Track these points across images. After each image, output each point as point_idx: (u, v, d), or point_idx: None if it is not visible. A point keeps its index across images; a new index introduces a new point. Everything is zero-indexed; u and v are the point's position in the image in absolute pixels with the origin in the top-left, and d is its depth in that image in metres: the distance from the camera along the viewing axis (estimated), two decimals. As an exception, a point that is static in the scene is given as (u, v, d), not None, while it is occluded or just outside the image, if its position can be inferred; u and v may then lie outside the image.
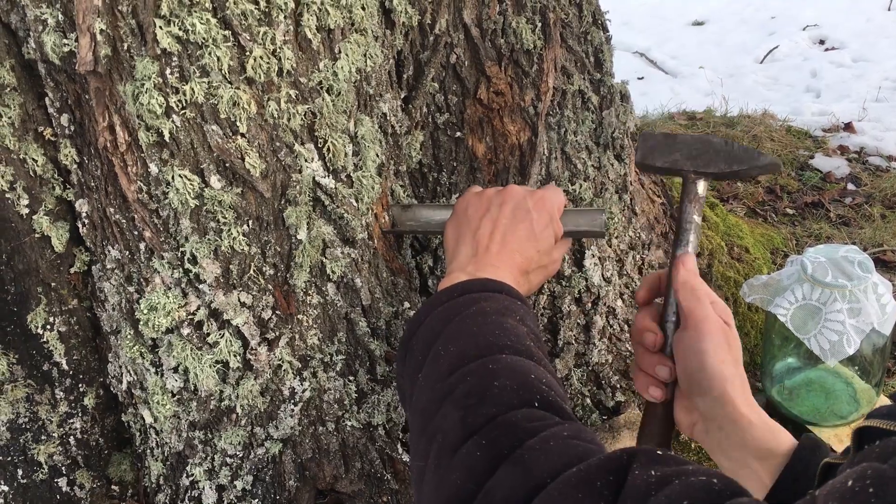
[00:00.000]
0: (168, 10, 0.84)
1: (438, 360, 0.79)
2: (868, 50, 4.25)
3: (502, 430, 0.67)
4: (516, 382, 0.73)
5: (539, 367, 0.77)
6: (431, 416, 0.75)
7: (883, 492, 0.46)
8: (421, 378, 0.81)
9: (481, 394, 0.72)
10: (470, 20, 1.20)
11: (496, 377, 0.73)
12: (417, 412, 0.78)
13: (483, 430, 0.68)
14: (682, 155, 0.98)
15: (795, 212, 2.24)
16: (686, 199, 0.97)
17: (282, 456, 1.10)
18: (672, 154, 0.99)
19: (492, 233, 0.97)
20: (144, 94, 0.87)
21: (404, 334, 0.90)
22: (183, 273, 1.00)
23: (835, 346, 1.30)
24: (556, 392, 0.74)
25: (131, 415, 1.17)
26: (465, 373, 0.75)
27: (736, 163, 0.97)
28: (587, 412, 1.38)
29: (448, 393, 0.74)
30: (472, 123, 1.26)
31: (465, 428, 0.69)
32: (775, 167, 0.99)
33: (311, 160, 0.99)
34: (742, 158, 0.97)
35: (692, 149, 0.98)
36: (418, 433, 0.76)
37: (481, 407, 0.70)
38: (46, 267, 1.08)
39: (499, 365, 0.75)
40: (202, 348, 1.03)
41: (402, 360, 0.88)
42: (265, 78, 0.92)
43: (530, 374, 0.75)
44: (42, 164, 1.02)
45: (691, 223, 0.96)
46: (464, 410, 0.71)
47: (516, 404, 0.70)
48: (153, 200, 0.96)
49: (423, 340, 0.84)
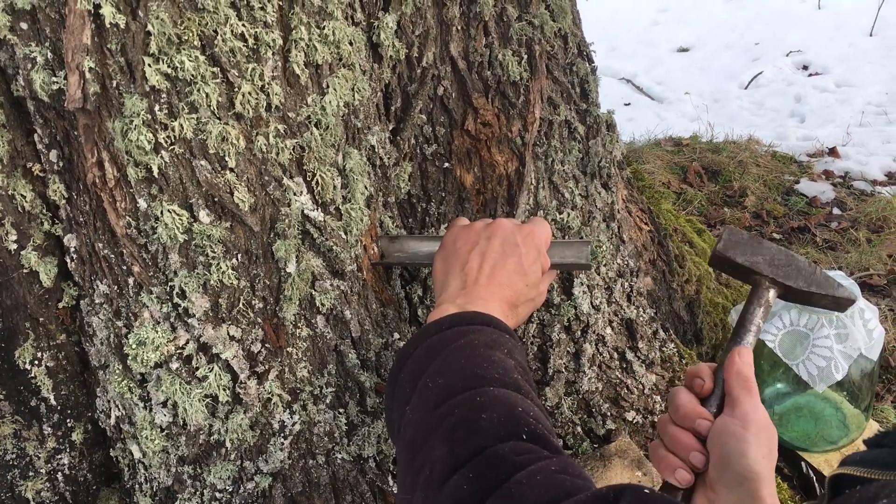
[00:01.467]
0: (157, 48, 0.85)
1: (426, 392, 0.80)
2: (851, 75, 4.31)
3: (490, 463, 0.67)
4: (503, 415, 0.73)
5: (526, 399, 0.78)
6: (419, 448, 0.75)
7: None
8: (409, 410, 0.81)
9: (469, 427, 0.72)
10: (457, 53, 1.21)
11: (484, 410, 0.74)
12: (405, 444, 0.78)
13: (470, 464, 0.68)
14: (765, 260, 0.98)
15: (782, 236, 2.26)
16: (756, 301, 0.97)
17: (272, 490, 1.09)
18: (755, 255, 0.99)
19: (480, 266, 0.98)
20: (133, 131, 0.88)
21: (393, 366, 0.90)
22: (172, 307, 1.00)
23: (823, 372, 1.31)
24: (544, 425, 0.74)
25: (120, 450, 1.17)
26: (452, 405, 0.75)
27: (815, 286, 0.97)
28: (578, 440, 1.37)
29: (436, 426, 0.74)
30: (459, 154, 1.27)
31: (453, 461, 0.69)
32: (849, 303, 0.98)
33: (300, 193, 1.00)
34: (821, 284, 0.97)
35: (776, 257, 0.99)
36: (405, 466, 0.76)
37: (469, 440, 0.71)
38: (34, 302, 1.07)
39: (486, 398, 0.75)
40: (191, 382, 1.02)
41: (390, 391, 0.88)
42: (254, 113, 0.93)
43: (518, 407, 0.75)
44: (31, 200, 1.02)
45: (754, 325, 0.96)
46: (451, 443, 0.71)
47: (504, 437, 0.71)
48: (142, 235, 0.96)
49: (411, 372, 0.85)
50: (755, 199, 2.41)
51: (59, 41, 0.87)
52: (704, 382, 0.91)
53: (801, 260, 0.99)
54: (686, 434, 0.88)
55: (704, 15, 5.67)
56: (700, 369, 0.93)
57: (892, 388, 1.62)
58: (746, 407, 0.85)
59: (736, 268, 1.01)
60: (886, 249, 2.10)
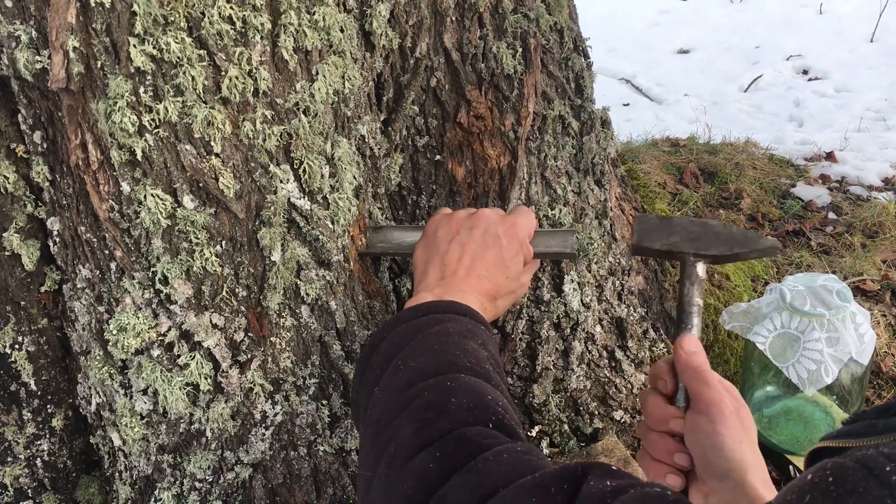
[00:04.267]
0: (142, 29, 0.84)
1: (398, 374, 0.80)
2: (850, 80, 4.30)
3: (457, 443, 0.68)
4: (473, 402, 0.73)
5: (496, 390, 0.78)
6: (385, 426, 0.74)
7: (842, 479, 0.46)
8: (378, 391, 0.81)
9: (438, 408, 0.72)
10: (450, 44, 1.20)
11: (454, 394, 0.74)
12: (371, 423, 0.78)
13: (437, 443, 0.68)
14: (681, 237, 0.97)
15: (777, 239, 2.25)
16: (688, 281, 0.95)
17: (252, 481, 1.08)
18: (670, 236, 0.98)
19: (460, 257, 0.97)
20: (117, 113, 0.86)
21: (365, 348, 0.90)
22: (154, 294, 0.98)
23: (813, 375, 1.30)
24: (511, 416, 0.74)
25: (100, 437, 1.15)
26: (423, 387, 0.76)
27: (737, 245, 0.96)
28: (565, 439, 1.36)
29: (405, 406, 0.74)
30: (451, 147, 1.26)
31: (420, 439, 0.69)
32: (775, 250, 0.98)
33: (287, 181, 0.99)
34: (742, 241, 0.96)
35: (690, 231, 0.98)
36: (370, 443, 0.76)
37: (437, 421, 0.71)
38: (16, 285, 1.06)
39: (457, 383, 0.76)
40: (172, 370, 1.01)
41: (360, 373, 0.88)
42: (240, 98, 0.91)
43: (487, 396, 0.75)
44: (14, 182, 1.01)
45: (693, 305, 0.94)
46: (419, 423, 0.71)
47: (471, 422, 0.71)
48: (125, 220, 0.95)
49: (383, 355, 0.84)
50: (751, 202, 2.40)
51: (43, 19, 0.86)
52: (667, 381, 0.90)
53: (715, 224, 0.98)
54: (664, 438, 0.87)
55: (705, 18, 5.66)
56: (660, 369, 0.91)
57: (882, 394, 1.62)
58: (709, 397, 0.83)
59: (657, 254, 1.00)
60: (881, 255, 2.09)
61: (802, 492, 0.48)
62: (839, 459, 0.49)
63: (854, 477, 0.46)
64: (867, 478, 0.46)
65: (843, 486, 0.46)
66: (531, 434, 1.37)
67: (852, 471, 0.47)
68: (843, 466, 0.47)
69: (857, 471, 0.47)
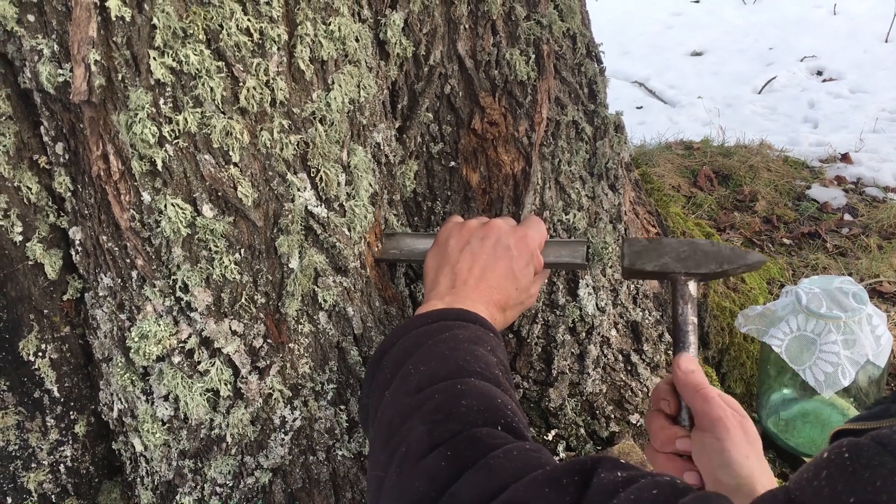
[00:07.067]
0: (162, 42, 0.85)
1: (408, 378, 0.81)
2: (865, 81, 4.28)
3: (467, 443, 0.69)
4: (483, 405, 0.75)
5: (505, 395, 0.79)
6: (397, 428, 0.76)
7: (858, 455, 0.50)
8: (388, 394, 0.82)
9: (448, 411, 0.74)
10: (464, 51, 1.21)
11: (464, 397, 0.75)
12: (382, 425, 0.79)
13: (448, 443, 0.70)
14: (671, 258, 1.00)
15: (792, 242, 2.24)
16: (681, 300, 0.97)
17: (272, 486, 1.09)
18: (661, 258, 1.00)
19: (471, 267, 0.98)
20: (138, 124, 0.88)
21: (375, 353, 0.91)
22: (174, 301, 1.00)
23: (830, 378, 1.30)
24: (520, 420, 0.75)
25: (122, 443, 1.17)
26: (433, 391, 0.77)
27: (726, 262, 0.99)
28: (581, 442, 1.37)
29: (416, 408, 0.76)
30: (466, 153, 1.27)
31: (431, 440, 0.71)
32: (761, 263, 1.00)
33: (304, 189, 1.00)
34: (730, 258, 0.99)
35: (679, 251, 1.00)
36: (381, 445, 0.77)
37: (448, 423, 0.72)
38: (39, 294, 1.08)
39: (467, 387, 0.77)
40: (193, 376, 1.02)
41: (370, 377, 0.89)
42: (258, 108, 0.93)
43: (496, 399, 0.76)
44: (36, 192, 1.03)
45: (689, 324, 0.96)
46: (430, 424, 0.73)
47: (481, 424, 0.72)
48: (145, 229, 0.96)
49: (394, 359, 0.86)
50: (766, 204, 2.39)
51: (65, 33, 0.87)
52: (669, 402, 0.92)
53: (702, 244, 1.00)
54: (672, 459, 0.89)
55: (718, 20, 5.64)
56: (661, 390, 0.94)
57: (901, 396, 1.61)
58: (712, 414, 0.85)
59: (648, 276, 1.02)
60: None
61: (819, 468, 0.51)
62: (854, 438, 0.52)
63: (869, 452, 0.49)
64: (882, 453, 0.49)
65: (858, 461, 0.49)
66: (547, 438, 1.38)
67: (867, 447, 0.50)
68: (858, 444, 0.51)
69: (871, 447, 0.50)
